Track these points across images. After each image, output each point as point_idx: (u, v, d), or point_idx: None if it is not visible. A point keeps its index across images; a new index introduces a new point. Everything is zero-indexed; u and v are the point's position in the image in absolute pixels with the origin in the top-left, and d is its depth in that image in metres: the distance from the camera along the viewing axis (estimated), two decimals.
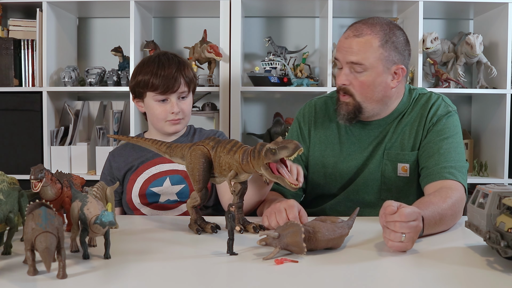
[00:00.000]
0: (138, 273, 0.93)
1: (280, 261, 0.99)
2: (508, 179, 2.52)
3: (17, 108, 2.54)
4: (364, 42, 1.45)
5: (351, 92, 1.50)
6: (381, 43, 1.46)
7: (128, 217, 1.56)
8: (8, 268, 0.94)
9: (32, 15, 2.59)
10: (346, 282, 0.90)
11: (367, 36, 1.46)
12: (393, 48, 1.47)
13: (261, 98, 2.93)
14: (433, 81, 2.73)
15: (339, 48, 1.51)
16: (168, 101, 1.62)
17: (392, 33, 1.48)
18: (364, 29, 1.47)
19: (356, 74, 1.48)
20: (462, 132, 2.75)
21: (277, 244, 1.02)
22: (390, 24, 1.50)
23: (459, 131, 1.55)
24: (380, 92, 1.51)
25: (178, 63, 1.64)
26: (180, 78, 1.62)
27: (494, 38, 2.64)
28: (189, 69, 1.66)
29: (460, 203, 1.36)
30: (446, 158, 1.46)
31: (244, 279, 0.92)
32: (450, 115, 1.54)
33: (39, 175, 1.09)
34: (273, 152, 1.10)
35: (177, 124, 1.65)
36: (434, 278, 0.91)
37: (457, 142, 1.51)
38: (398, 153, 1.56)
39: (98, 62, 2.91)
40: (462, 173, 1.45)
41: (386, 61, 1.47)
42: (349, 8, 2.71)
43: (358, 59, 1.46)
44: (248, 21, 2.88)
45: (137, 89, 1.65)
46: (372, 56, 1.45)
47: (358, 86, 1.49)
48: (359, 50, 1.45)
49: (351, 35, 1.48)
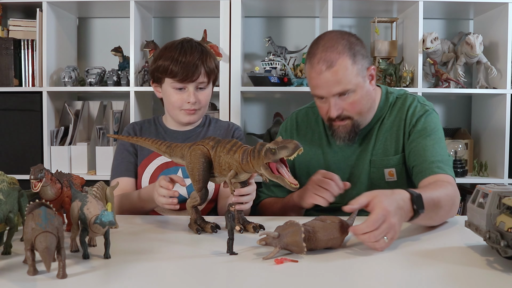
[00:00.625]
0: (138, 273, 0.93)
1: (280, 260, 0.99)
2: (508, 179, 2.52)
3: (17, 108, 2.53)
4: (340, 69, 1.43)
5: (347, 116, 1.50)
6: (352, 60, 1.45)
7: (128, 217, 1.56)
8: (8, 268, 0.94)
9: (32, 15, 2.59)
10: (346, 282, 0.90)
11: (339, 61, 1.43)
12: (360, 56, 1.48)
13: (261, 98, 2.93)
14: (433, 81, 2.73)
15: (316, 85, 1.47)
16: (185, 90, 1.59)
17: (352, 43, 1.47)
18: (331, 56, 1.43)
19: (344, 98, 1.48)
20: (462, 132, 2.79)
21: (277, 243, 1.02)
22: (343, 35, 1.49)
23: (439, 127, 1.56)
24: (369, 102, 1.53)
25: (200, 52, 1.59)
26: (201, 67, 1.57)
27: (494, 38, 2.64)
28: (211, 60, 1.61)
29: (455, 193, 1.36)
30: (432, 154, 1.47)
31: (244, 279, 0.92)
32: (428, 113, 1.56)
33: (39, 175, 1.09)
34: (273, 152, 1.10)
35: (192, 114, 1.61)
36: (434, 278, 0.91)
37: (439, 138, 1.53)
38: (383, 159, 1.57)
39: (98, 62, 2.91)
40: (449, 166, 1.47)
41: (362, 72, 1.48)
42: (349, 8, 2.71)
43: (343, 87, 1.45)
44: (248, 21, 2.88)
45: (156, 74, 1.61)
46: (352, 76, 1.45)
47: (351, 108, 1.49)
48: (340, 78, 1.43)
49: (323, 69, 1.44)
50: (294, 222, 1.06)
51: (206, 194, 1.25)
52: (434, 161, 1.45)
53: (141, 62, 2.66)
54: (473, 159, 2.72)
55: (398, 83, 2.63)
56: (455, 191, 1.37)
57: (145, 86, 2.59)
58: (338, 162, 1.62)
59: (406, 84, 2.58)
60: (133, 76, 2.54)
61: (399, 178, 1.56)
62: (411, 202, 1.16)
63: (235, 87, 2.53)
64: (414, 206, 1.16)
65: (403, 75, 2.59)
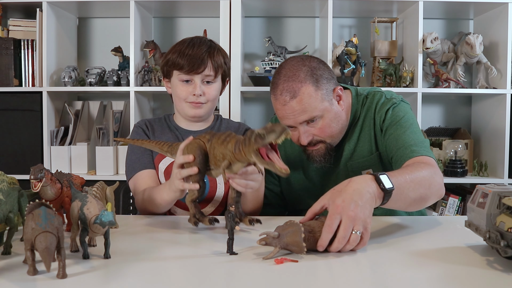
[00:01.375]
0: (138, 273, 0.93)
1: (280, 260, 0.99)
2: (508, 179, 2.53)
3: (17, 108, 2.54)
4: (303, 97, 1.42)
5: (319, 140, 1.49)
6: (315, 87, 1.43)
7: (128, 217, 1.56)
8: (8, 268, 0.94)
9: (32, 15, 2.59)
10: (345, 282, 0.90)
11: (302, 90, 1.42)
12: (324, 80, 1.46)
13: (261, 98, 2.93)
14: (433, 81, 2.73)
15: (283, 116, 1.46)
16: (191, 83, 1.57)
17: (313, 68, 1.45)
18: (293, 85, 1.42)
19: (313, 125, 1.47)
20: (462, 132, 2.79)
21: (277, 243, 1.02)
22: (304, 62, 1.46)
23: (408, 115, 1.52)
24: (339, 123, 1.51)
25: (209, 46, 1.58)
26: (208, 61, 1.55)
27: (494, 38, 2.64)
28: (219, 55, 1.59)
29: (432, 171, 1.31)
30: (404, 140, 1.45)
31: (244, 279, 0.92)
32: (395, 105, 1.53)
33: (39, 175, 1.09)
34: (262, 136, 1.09)
35: (198, 108, 1.59)
36: (434, 278, 0.91)
37: (410, 124, 1.49)
38: (359, 161, 1.56)
39: (98, 62, 2.91)
40: (424, 147, 1.43)
41: (327, 95, 1.46)
42: (349, 8, 2.71)
43: (309, 115, 1.44)
44: (248, 21, 2.88)
45: (165, 68, 1.61)
46: (317, 103, 1.43)
47: (321, 133, 1.48)
48: (305, 107, 1.42)
49: (287, 99, 1.42)
50: (294, 222, 1.06)
51: (204, 187, 1.24)
52: (408, 146, 1.43)
53: (141, 62, 2.66)
54: (473, 159, 2.72)
55: (398, 83, 2.63)
56: (432, 169, 1.32)
57: (145, 86, 2.59)
58: (316, 169, 1.61)
59: (406, 84, 2.58)
60: (133, 76, 2.54)
61: None
62: (376, 183, 1.13)
63: (235, 87, 2.53)
64: (381, 186, 1.13)
65: (403, 75, 2.60)
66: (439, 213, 2.66)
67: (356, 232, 1.04)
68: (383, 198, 1.14)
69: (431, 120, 2.92)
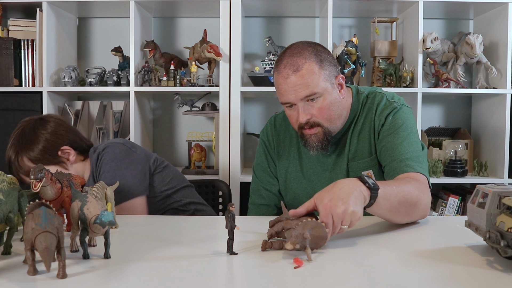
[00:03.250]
0: (138, 273, 0.93)
1: (301, 261, 0.99)
2: (508, 179, 2.53)
3: (17, 108, 2.54)
4: (306, 72, 1.43)
5: (317, 123, 1.48)
6: (318, 65, 1.44)
7: (128, 217, 1.56)
8: (8, 268, 0.94)
9: (32, 15, 2.59)
10: (345, 281, 0.90)
11: (306, 65, 1.43)
12: (328, 64, 1.47)
13: (261, 98, 2.93)
14: (433, 81, 2.74)
15: (284, 91, 1.46)
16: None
17: (318, 51, 1.47)
18: (297, 61, 1.43)
19: (312, 104, 1.46)
20: (462, 132, 2.79)
21: (307, 243, 1.03)
22: (310, 44, 1.49)
23: (408, 122, 1.52)
24: (338, 108, 1.50)
25: (9, 159, 1.70)
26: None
27: (494, 38, 2.64)
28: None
29: (420, 189, 1.31)
30: (401, 152, 1.45)
31: (244, 279, 0.92)
32: (396, 110, 1.52)
33: (39, 175, 1.09)
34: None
35: None
36: (434, 278, 0.91)
37: (408, 134, 1.49)
38: (359, 162, 1.55)
39: (98, 62, 2.91)
40: (419, 162, 1.43)
41: (330, 78, 1.47)
42: (349, 8, 2.71)
43: (311, 90, 1.43)
44: (248, 21, 2.88)
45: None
46: (319, 80, 1.44)
47: (319, 113, 1.47)
48: (307, 82, 1.43)
49: (290, 72, 1.43)
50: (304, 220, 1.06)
51: None
52: (403, 159, 1.43)
53: (141, 62, 2.66)
54: (473, 159, 2.72)
55: (398, 83, 2.63)
56: (421, 188, 1.32)
57: (145, 86, 2.59)
58: (313, 167, 1.61)
59: (406, 84, 2.58)
60: (133, 76, 2.54)
61: (378, 179, 1.54)
62: (361, 182, 1.17)
63: (235, 87, 2.53)
64: (367, 184, 1.17)
65: (403, 75, 2.60)
66: (439, 213, 2.66)
67: (344, 226, 1.11)
68: (370, 196, 1.17)
69: (431, 120, 2.92)
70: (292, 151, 1.66)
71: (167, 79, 2.57)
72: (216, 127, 2.61)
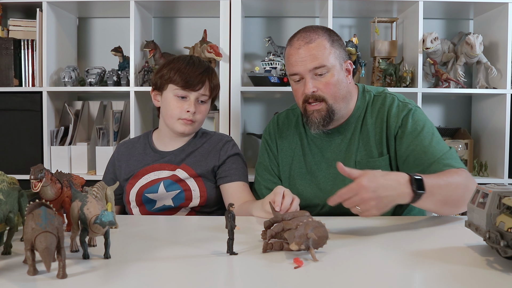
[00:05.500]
0: (138, 273, 0.93)
1: (301, 262, 0.99)
2: (508, 179, 2.52)
3: (17, 108, 2.54)
4: (318, 45, 1.48)
5: (322, 97, 1.50)
6: (330, 43, 1.50)
7: (128, 217, 1.56)
8: (8, 268, 0.94)
9: (32, 15, 2.59)
10: (345, 281, 0.90)
11: (318, 40, 1.49)
12: (339, 46, 1.53)
13: (261, 98, 2.93)
14: (433, 81, 2.73)
15: (294, 62, 1.51)
16: (187, 99, 1.61)
17: (331, 33, 1.54)
18: (311, 35, 1.50)
19: (319, 78, 1.49)
20: (462, 132, 2.79)
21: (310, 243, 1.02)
22: (324, 27, 1.55)
23: (427, 121, 1.56)
24: (344, 89, 1.54)
25: (207, 67, 1.65)
26: (206, 80, 1.61)
27: (494, 38, 2.64)
28: (216, 77, 1.66)
29: (467, 179, 1.37)
30: (432, 153, 1.47)
31: (244, 279, 0.92)
32: (412, 111, 1.55)
33: (39, 175, 1.09)
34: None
35: (188, 125, 1.63)
36: (434, 278, 0.91)
37: (432, 133, 1.52)
38: (368, 160, 1.56)
39: (98, 62, 2.91)
40: (454, 158, 1.47)
41: (339, 59, 1.52)
42: (349, 8, 2.71)
43: (320, 62, 1.48)
44: (248, 21, 2.88)
45: (159, 81, 1.64)
46: (329, 56, 1.49)
47: (325, 88, 1.50)
48: (317, 53, 1.48)
49: (302, 44, 1.49)
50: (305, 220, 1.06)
51: None
52: (438, 160, 1.45)
53: (141, 62, 2.66)
54: (473, 159, 2.72)
55: (398, 83, 2.63)
56: (466, 177, 1.38)
57: (145, 86, 2.59)
58: (318, 163, 1.62)
59: (406, 84, 2.58)
60: (133, 76, 2.54)
61: None
62: (410, 183, 1.23)
63: (235, 87, 2.53)
64: (414, 187, 1.22)
65: (403, 75, 2.60)
66: None
67: (357, 208, 1.19)
68: (412, 198, 1.24)
69: (431, 120, 2.89)
70: (296, 148, 1.66)
71: None
72: (216, 127, 2.61)
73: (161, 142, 1.75)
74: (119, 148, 1.79)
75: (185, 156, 1.70)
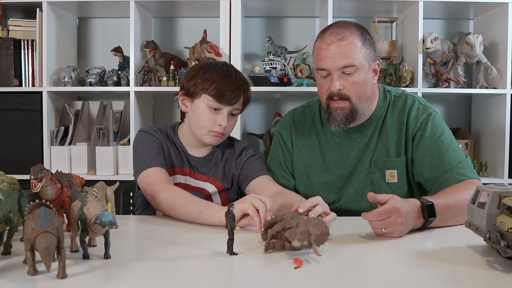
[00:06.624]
0: (138, 273, 0.93)
1: (301, 262, 0.98)
2: (508, 179, 2.52)
3: (17, 108, 2.54)
4: (350, 43, 1.46)
5: (347, 96, 1.49)
6: (362, 42, 1.48)
7: (128, 217, 1.56)
8: (8, 268, 0.94)
9: (32, 15, 2.59)
10: (344, 281, 0.90)
11: (350, 37, 1.47)
12: (369, 45, 1.51)
13: (261, 98, 2.93)
14: (433, 81, 2.73)
15: (324, 57, 1.48)
16: (220, 112, 1.54)
17: (364, 32, 1.51)
18: (344, 32, 1.47)
19: (347, 77, 1.48)
20: (462, 132, 2.79)
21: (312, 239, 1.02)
22: (357, 24, 1.53)
23: (445, 126, 1.56)
24: (369, 90, 1.52)
25: (243, 80, 1.58)
26: (241, 94, 1.55)
27: (494, 38, 2.64)
28: (249, 90, 1.60)
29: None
30: (449, 161, 1.47)
31: (244, 279, 0.92)
32: (432, 116, 1.55)
33: (39, 175, 1.09)
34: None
35: (218, 137, 1.57)
36: (434, 278, 0.91)
37: (450, 139, 1.52)
38: (385, 160, 1.56)
39: (98, 62, 2.91)
40: (469, 167, 1.47)
41: (369, 59, 1.50)
42: (349, 8, 2.71)
43: (350, 61, 1.46)
44: (248, 21, 2.88)
45: (193, 88, 1.56)
46: (360, 55, 1.47)
47: (352, 87, 1.48)
48: (348, 52, 1.45)
49: (334, 40, 1.46)
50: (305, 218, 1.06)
51: None
52: (454, 168, 1.46)
53: (141, 62, 2.66)
54: (473, 159, 2.72)
55: (398, 83, 2.63)
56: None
57: (145, 86, 2.59)
58: (336, 160, 1.61)
59: (406, 84, 2.58)
60: (133, 76, 2.54)
61: (400, 179, 1.56)
62: (421, 210, 1.25)
63: None
64: (425, 215, 1.25)
65: (403, 75, 2.60)
66: None
67: (383, 230, 1.19)
68: (423, 224, 1.27)
69: None
70: (312, 146, 1.65)
71: (167, 79, 2.57)
72: None
73: (187, 144, 1.65)
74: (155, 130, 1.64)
75: (212, 165, 1.65)
